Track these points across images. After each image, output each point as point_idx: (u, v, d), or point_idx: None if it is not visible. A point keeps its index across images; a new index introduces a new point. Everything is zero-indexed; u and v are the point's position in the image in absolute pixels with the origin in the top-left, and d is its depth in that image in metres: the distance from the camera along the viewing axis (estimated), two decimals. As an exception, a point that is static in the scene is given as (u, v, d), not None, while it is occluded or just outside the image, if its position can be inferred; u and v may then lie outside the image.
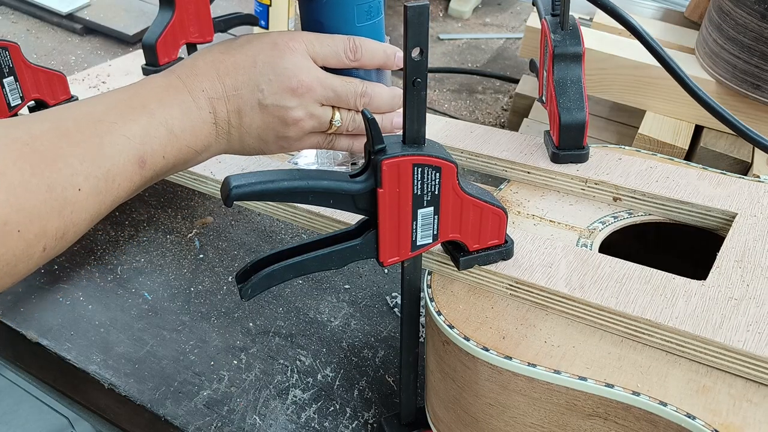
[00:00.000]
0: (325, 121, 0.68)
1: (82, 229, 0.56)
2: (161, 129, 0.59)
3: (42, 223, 0.52)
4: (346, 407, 0.77)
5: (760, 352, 0.54)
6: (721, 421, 0.52)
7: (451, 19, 1.58)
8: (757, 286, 0.60)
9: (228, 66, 0.63)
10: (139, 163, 0.58)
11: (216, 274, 0.92)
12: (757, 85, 0.91)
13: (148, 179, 0.60)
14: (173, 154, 0.61)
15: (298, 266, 0.56)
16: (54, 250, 0.54)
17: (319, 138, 0.70)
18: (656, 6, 1.35)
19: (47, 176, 0.52)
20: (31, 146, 0.52)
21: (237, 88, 0.63)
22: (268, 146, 0.67)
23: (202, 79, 0.62)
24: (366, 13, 0.68)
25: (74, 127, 0.55)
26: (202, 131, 0.62)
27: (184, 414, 0.76)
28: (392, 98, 0.71)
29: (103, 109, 0.58)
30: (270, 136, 0.66)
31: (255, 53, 0.64)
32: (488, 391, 0.58)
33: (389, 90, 0.71)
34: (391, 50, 0.70)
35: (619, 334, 0.59)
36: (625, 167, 0.74)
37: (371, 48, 0.68)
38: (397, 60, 0.71)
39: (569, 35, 0.74)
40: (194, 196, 1.04)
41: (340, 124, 0.69)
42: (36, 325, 0.85)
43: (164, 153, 0.60)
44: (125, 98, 0.60)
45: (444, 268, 0.64)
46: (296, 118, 0.65)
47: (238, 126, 0.64)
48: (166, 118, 0.60)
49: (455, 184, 0.57)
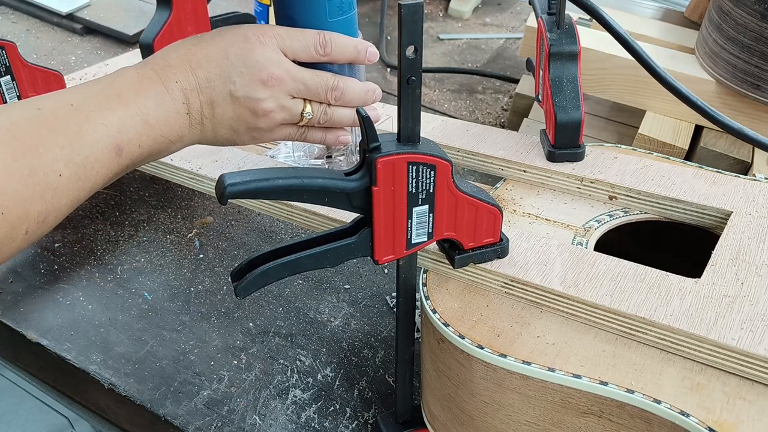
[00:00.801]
0: (296, 113, 0.70)
1: (63, 213, 0.58)
2: (137, 118, 0.61)
3: (25, 207, 0.54)
4: (346, 407, 0.77)
5: (753, 350, 0.54)
6: (714, 418, 0.52)
7: (451, 19, 1.58)
8: (752, 285, 0.60)
9: (200, 58, 0.65)
10: (117, 151, 0.59)
11: (216, 274, 0.92)
12: (757, 85, 0.91)
13: (124, 167, 0.62)
14: (148, 144, 0.62)
15: (293, 264, 0.56)
16: (35, 234, 0.56)
17: (291, 130, 0.72)
18: (656, 6, 1.35)
19: (29, 161, 0.54)
20: (12, 132, 0.54)
21: (209, 80, 0.65)
22: (239, 137, 0.69)
23: (176, 71, 0.64)
24: (338, 8, 0.70)
25: (52, 116, 0.57)
26: (176, 121, 0.64)
27: (184, 414, 0.76)
28: (365, 92, 0.73)
29: (81, 99, 0.60)
30: (241, 127, 0.68)
31: (227, 46, 0.66)
32: (483, 389, 0.59)
33: (362, 84, 0.73)
34: (363, 45, 0.72)
35: (613, 332, 0.59)
36: (620, 166, 0.74)
37: (341, 43, 0.70)
38: (368, 55, 0.72)
39: (565, 34, 0.75)
40: (194, 196, 1.04)
41: (311, 116, 0.71)
42: (36, 325, 0.85)
43: (140, 142, 0.61)
44: (101, 88, 0.61)
45: (439, 266, 0.65)
46: (267, 110, 0.67)
47: (211, 117, 0.66)
48: (141, 108, 0.61)
49: (450, 183, 0.57)
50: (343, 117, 0.73)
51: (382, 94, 0.80)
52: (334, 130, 0.75)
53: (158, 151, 0.64)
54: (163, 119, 0.63)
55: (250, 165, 0.81)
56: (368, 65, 0.75)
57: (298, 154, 0.84)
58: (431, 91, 1.31)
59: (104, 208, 1.02)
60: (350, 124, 0.75)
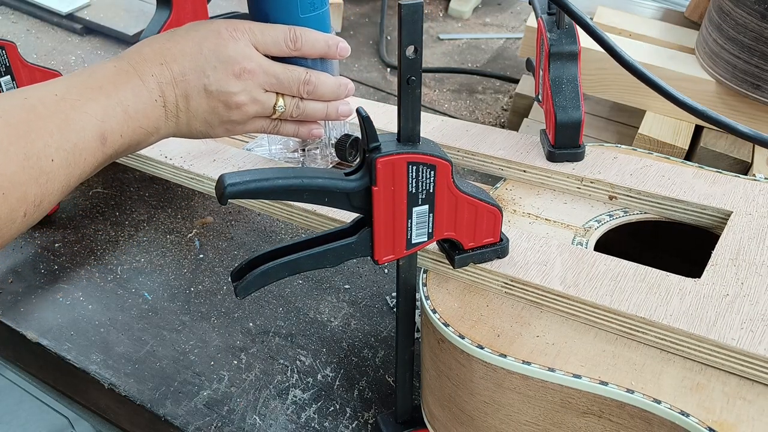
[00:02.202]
0: (269, 106, 0.72)
1: (55, 199, 0.60)
2: (118, 109, 0.63)
3: (23, 189, 0.56)
4: (346, 407, 0.77)
5: (753, 350, 0.54)
6: (714, 418, 0.52)
7: (451, 19, 1.58)
8: (752, 284, 0.60)
9: (175, 53, 0.67)
10: (101, 139, 0.62)
11: (216, 274, 0.92)
12: (757, 85, 0.91)
13: (108, 156, 0.63)
14: (129, 134, 0.65)
15: (293, 264, 0.56)
16: (32, 217, 0.58)
17: (264, 122, 0.74)
18: (656, 6, 1.35)
19: (23, 146, 0.56)
20: (3, 119, 0.56)
21: (184, 73, 0.67)
22: (213, 130, 0.72)
23: (151, 65, 0.66)
24: (309, 4, 0.72)
25: (40, 104, 0.59)
26: (153, 113, 0.66)
27: (184, 414, 0.76)
28: (337, 87, 0.75)
29: (64, 89, 0.62)
30: (215, 119, 0.70)
31: (200, 41, 0.68)
32: (483, 389, 0.59)
33: (334, 79, 0.75)
34: (333, 41, 0.74)
35: (613, 331, 0.59)
36: (620, 166, 0.74)
37: (312, 38, 0.72)
38: (339, 50, 0.75)
39: (565, 34, 0.75)
40: (194, 196, 1.04)
41: (284, 109, 0.73)
42: (36, 325, 0.85)
43: (122, 132, 0.64)
44: (82, 80, 0.63)
45: (439, 266, 0.65)
46: (239, 103, 0.70)
47: (186, 110, 0.69)
48: (121, 99, 0.63)
49: (450, 183, 0.57)
50: (316, 110, 0.75)
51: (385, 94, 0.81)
52: (307, 124, 0.77)
53: (137, 142, 0.66)
54: (141, 111, 0.65)
55: (250, 165, 0.81)
56: (367, 65, 0.76)
57: (277, 148, 0.86)
58: (431, 91, 1.31)
59: (104, 208, 1.02)
60: (323, 118, 0.77)
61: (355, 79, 1.33)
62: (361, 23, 1.56)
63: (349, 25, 1.54)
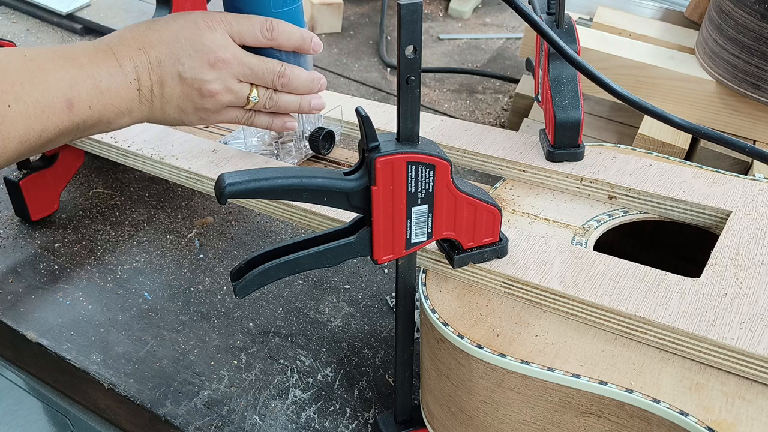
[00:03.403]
0: (242, 96, 0.74)
1: (12, 149, 0.62)
2: (88, 81, 0.65)
3: None
4: (346, 407, 0.77)
5: (752, 350, 0.54)
6: (713, 418, 0.52)
7: (451, 19, 1.59)
8: (751, 284, 0.60)
9: (153, 40, 0.69)
10: (67, 104, 0.64)
11: (216, 274, 0.92)
12: (757, 85, 0.91)
13: (75, 125, 0.65)
14: (99, 109, 0.67)
15: (293, 264, 0.56)
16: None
17: (238, 113, 0.76)
18: (656, 6, 1.35)
19: None
20: None
21: (160, 60, 0.70)
22: (187, 117, 0.74)
23: (129, 49, 0.69)
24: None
25: (6, 60, 0.62)
26: (127, 95, 0.69)
27: (184, 414, 0.76)
28: (310, 81, 0.77)
29: (34, 53, 0.64)
30: (189, 106, 0.72)
31: (178, 30, 0.70)
32: (482, 389, 0.59)
33: (308, 73, 0.77)
34: (308, 35, 0.76)
35: (612, 331, 0.59)
36: (620, 165, 0.74)
37: (287, 30, 0.74)
38: (313, 45, 0.76)
39: (564, 34, 0.75)
40: (194, 196, 1.05)
41: (257, 100, 0.75)
42: (36, 325, 0.85)
43: (90, 104, 0.66)
44: (55, 50, 0.66)
45: (438, 265, 0.65)
46: (213, 91, 0.72)
47: (160, 95, 0.71)
48: (93, 73, 0.66)
49: (449, 182, 0.57)
50: (289, 103, 0.77)
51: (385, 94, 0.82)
52: (281, 116, 0.79)
53: (108, 120, 0.68)
54: (114, 90, 0.67)
55: (250, 165, 0.81)
56: (367, 65, 0.77)
57: (255, 141, 0.87)
58: (431, 91, 1.31)
59: (104, 208, 1.02)
60: (296, 110, 0.79)
61: (355, 79, 1.33)
62: (361, 23, 1.56)
63: (349, 25, 1.54)
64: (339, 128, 0.88)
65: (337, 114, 0.89)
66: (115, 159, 0.89)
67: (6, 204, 1.01)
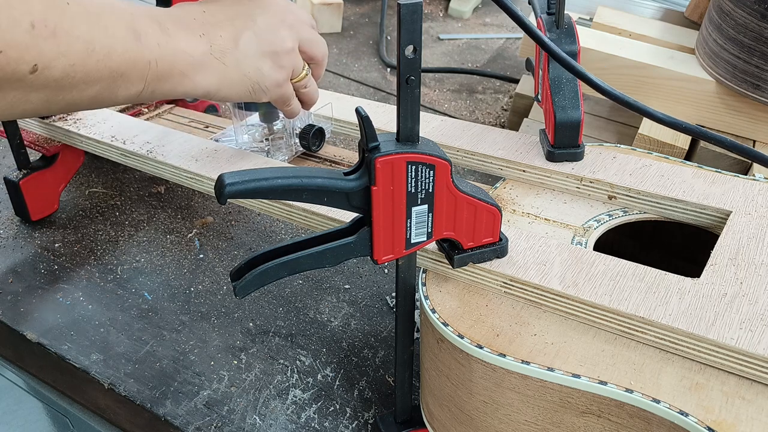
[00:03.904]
0: (300, 66, 0.75)
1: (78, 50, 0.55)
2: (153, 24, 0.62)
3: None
4: (346, 407, 0.77)
5: (752, 350, 0.54)
6: (713, 418, 0.52)
7: (451, 19, 1.59)
8: (751, 284, 0.60)
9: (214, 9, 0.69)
10: (133, 32, 0.59)
11: (216, 274, 0.93)
12: (757, 85, 0.91)
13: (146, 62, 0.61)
14: (169, 52, 0.63)
15: (293, 264, 0.56)
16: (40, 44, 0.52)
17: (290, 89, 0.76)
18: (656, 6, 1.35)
19: None
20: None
21: (231, 18, 0.69)
22: (263, 78, 0.71)
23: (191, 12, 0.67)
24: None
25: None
26: (197, 46, 0.66)
27: (184, 414, 0.76)
28: None
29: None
30: (265, 65, 0.71)
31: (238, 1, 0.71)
32: (482, 389, 0.59)
33: None
34: None
35: (612, 331, 0.59)
36: (620, 165, 0.74)
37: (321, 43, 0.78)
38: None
39: (564, 34, 0.75)
40: (194, 196, 1.05)
41: (307, 74, 0.76)
42: (36, 325, 0.85)
43: (159, 42, 0.62)
44: None
45: (438, 266, 0.65)
46: (288, 48, 0.72)
47: (233, 50, 0.69)
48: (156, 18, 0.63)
49: (449, 182, 0.57)
50: (314, 92, 0.80)
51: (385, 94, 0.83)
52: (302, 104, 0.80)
53: (182, 71, 0.65)
54: (183, 37, 0.64)
55: (250, 165, 0.81)
56: (367, 65, 0.78)
57: (246, 138, 0.88)
58: (431, 91, 1.31)
59: (104, 208, 1.02)
60: (314, 101, 0.80)
61: (355, 79, 1.33)
62: (361, 23, 1.56)
63: (349, 25, 1.54)
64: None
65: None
66: (115, 159, 0.89)
67: (6, 204, 1.01)
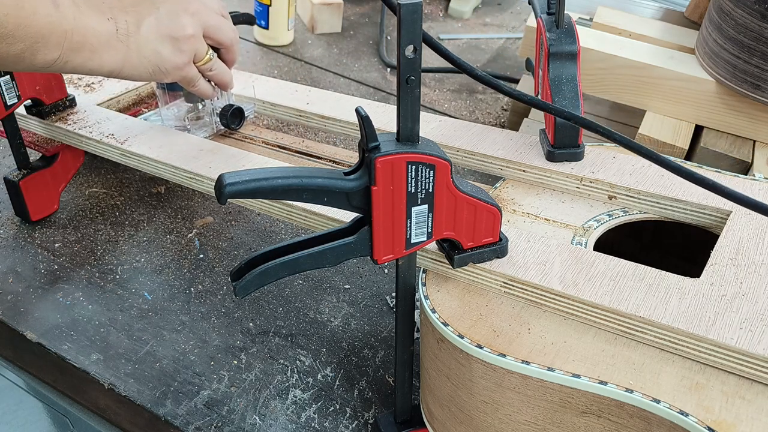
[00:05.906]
0: (203, 50, 0.80)
1: None
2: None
3: None
4: (346, 407, 0.77)
5: (752, 350, 0.54)
6: (713, 417, 0.52)
7: (451, 19, 1.59)
8: (751, 284, 0.60)
9: None
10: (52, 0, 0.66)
11: (216, 274, 0.92)
12: (757, 85, 0.91)
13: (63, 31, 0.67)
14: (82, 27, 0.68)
15: (292, 264, 0.56)
16: None
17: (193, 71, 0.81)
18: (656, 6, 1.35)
19: None
20: None
21: (135, 4, 0.74)
22: (163, 62, 0.76)
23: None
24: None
25: None
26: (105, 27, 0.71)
27: (184, 414, 0.76)
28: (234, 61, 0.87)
29: None
30: (166, 49, 0.76)
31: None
32: (482, 389, 0.59)
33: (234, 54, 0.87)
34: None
35: (612, 331, 0.59)
36: (620, 165, 0.74)
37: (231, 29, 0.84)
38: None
39: (564, 34, 0.75)
40: (194, 196, 1.05)
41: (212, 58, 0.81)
42: (36, 325, 0.85)
43: (74, 15, 0.68)
44: None
45: (438, 265, 0.65)
46: (188, 34, 0.76)
47: (136, 34, 0.74)
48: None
49: (449, 182, 0.57)
50: (225, 73, 0.85)
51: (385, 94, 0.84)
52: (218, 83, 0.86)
53: (92, 47, 0.70)
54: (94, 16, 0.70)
55: (250, 165, 0.81)
56: (367, 65, 0.79)
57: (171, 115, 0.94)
58: (431, 91, 1.31)
59: (104, 208, 1.02)
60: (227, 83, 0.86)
61: (355, 79, 1.33)
62: (361, 23, 1.56)
63: (349, 25, 1.54)
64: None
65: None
66: (115, 159, 0.89)
67: (6, 204, 1.01)
